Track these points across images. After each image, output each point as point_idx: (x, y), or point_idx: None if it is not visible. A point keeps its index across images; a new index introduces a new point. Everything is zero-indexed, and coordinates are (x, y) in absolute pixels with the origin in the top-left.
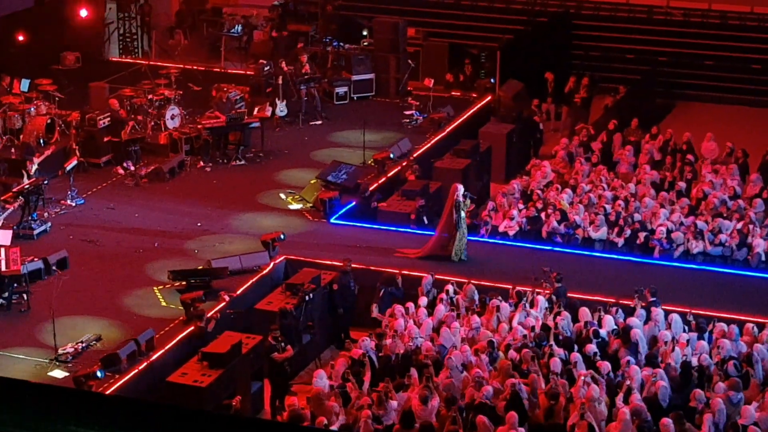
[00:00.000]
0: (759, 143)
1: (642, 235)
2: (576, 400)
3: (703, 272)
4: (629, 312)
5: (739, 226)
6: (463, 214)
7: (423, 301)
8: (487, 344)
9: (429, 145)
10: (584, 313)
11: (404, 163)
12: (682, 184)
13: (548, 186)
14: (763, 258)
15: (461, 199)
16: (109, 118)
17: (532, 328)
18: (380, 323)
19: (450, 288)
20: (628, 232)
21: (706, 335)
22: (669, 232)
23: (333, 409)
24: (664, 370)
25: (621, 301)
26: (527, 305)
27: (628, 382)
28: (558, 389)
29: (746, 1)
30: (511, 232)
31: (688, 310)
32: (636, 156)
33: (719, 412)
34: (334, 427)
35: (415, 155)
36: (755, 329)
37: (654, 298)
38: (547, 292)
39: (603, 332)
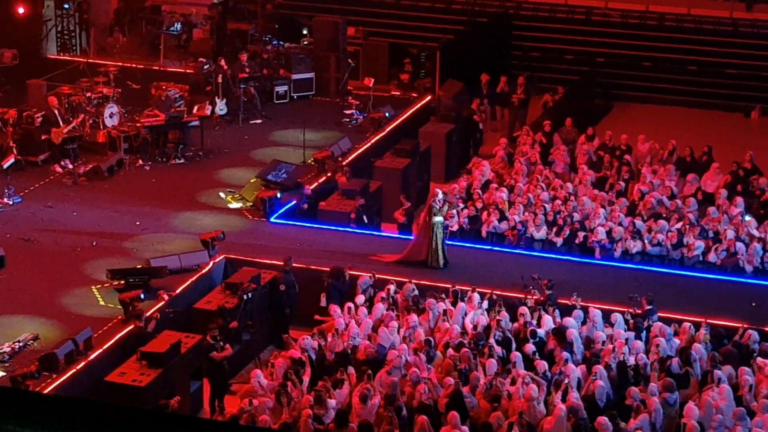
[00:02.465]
0: (696, 144)
1: (581, 234)
2: (515, 399)
3: (641, 272)
4: (567, 312)
5: (678, 225)
6: (438, 218)
7: (360, 299)
8: (424, 343)
9: (369, 144)
10: (522, 312)
11: (336, 165)
12: (621, 184)
13: (487, 185)
14: (700, 258)
15: (437, 204)
16: (42, 117)
17: (475, 327)
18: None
19: (391, 287)
20: (567, 231)
21: (643, 334)
22: (609, 232)
23: (266, 404)
24: (603, 369)
25: (559, 301)
26: (464, 304)
27: (566, 381)
28: (499, 390)
29: (683, 3)
30: (452, 229)
31: (626, 310)
32: (571, 156)
33: (656, 412)
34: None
35: (348, 158)
36: (692, 328)
37: (650, 306)
38: (537, 299)
39: (541, 332)
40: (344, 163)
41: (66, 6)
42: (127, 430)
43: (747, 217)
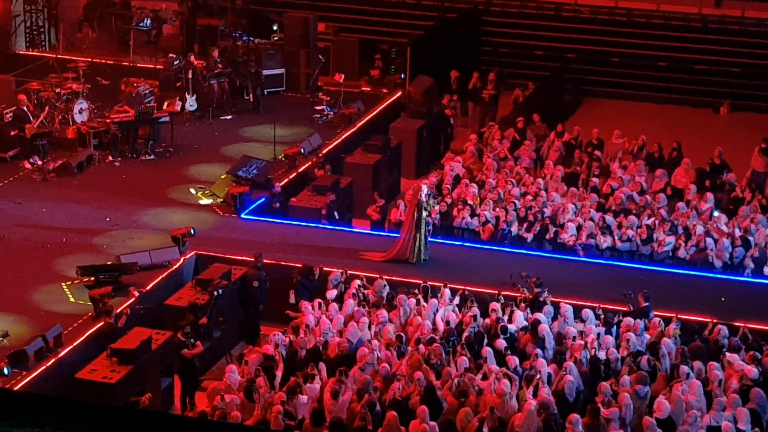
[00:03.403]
0: (665, 139)
1: (552, 230)
2: (486, 394)
3: (611, 267)
4: (538, 307)
5: (648, 221)
6: (425, 214)
7: (331, 294)
8: (396, 339)
9: (340, 140)
10: (493, 308)
11: (314, 159)
12: (594, 181)
13: (458, 181)
14: (670, 253)
15: (424, 199)
16: (12, 113)
17: (447, 323)
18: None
19: (357, 282)
20: (538, 227)
21: (614, 329)
22: (579, 227)
23: (235, 400)
24: (573, 365)
25: (530, 297)
26: (436, 300)
27: (537, 376)
28: (468, 386)
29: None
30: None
31: (597, 305)
32: (537, 152)
33: (626, 407)
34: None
35: (324, 151)
36: (661, 323)
37: (647, 303)
38: (526, 297)
39: (512, 327)
40: (323, 158)
41: None
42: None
43: (716, 213)
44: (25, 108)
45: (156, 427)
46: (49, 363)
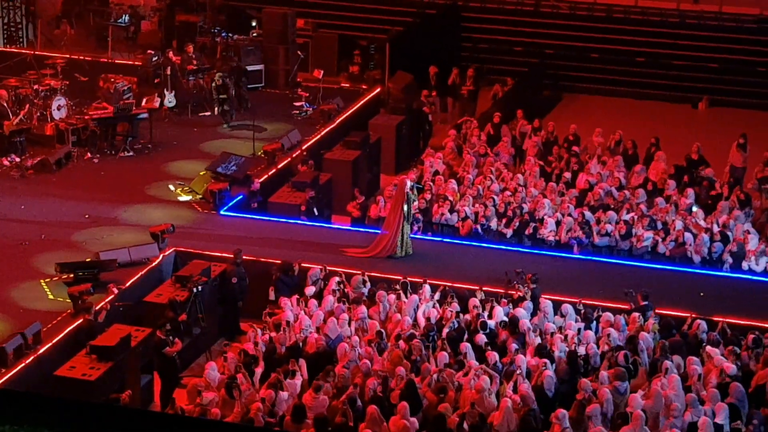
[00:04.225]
0: (643, 135)
1: (531, 225)
2: (465, 390)
3: (589, 262)
4: (517, 303)
5: (627, 217)
6: (407, 207)
7: (310, 290)
8: (376, 335)
9: (319, 136)
10: (473, 303)
11: (296, 154)
12: (568, 175)
13: (436, 176)
14: (649, 249)
15: (410, 191)
16: None
17: (428, 319)
18: (272, 313)
19: (337, 279)
20: (517, 223)
21: (593, 325)
22: (557, 223)
23: (214, 399)
24: (551, 360)
25: (509, 292)
26: (416, 296)
27: (518, 371)
28: (446, 382)
29: None
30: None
31: (577, 300)
32: (517, 147)
33: (607, 402)
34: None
35: (304, 147)
36: (641, 318)
37: (646, 302)
38: (519, 294)
39: (492, 323)
40: (307, 154)
41: None
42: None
43: (694, 208)
44: (4, 104)
45: (136, 424)
46: (28, 360)
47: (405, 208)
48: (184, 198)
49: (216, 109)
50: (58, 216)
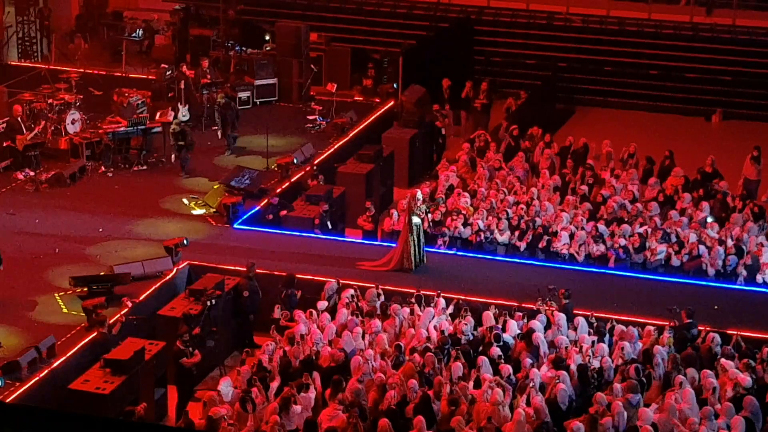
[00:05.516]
0: (657, 148)
1: (545, 239)
2: (480, 403)
3: (604, 275)
4: (532, 316)
5: (641, 230)
6: (415, 219)
7: (322, 305)
8: (395, 348)
9: (332, 149)
10: (487, 317)
11: (307, 168)
12: (584, 188)
13: (451, 190)
14: (663, 261)
15: (417, 204)
16: (5, 124)
17: (442, 332)
18: (281, 325)
19: (350, 292)
20: (530, 236)
21: (606, 338)
22: (571, 236)
23: (228, 412)
24: (566, 373)
25: (523, 305)
26: (432, 309)
27: (531, 385)
28: (458, 395)
29: (643, 8)
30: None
31: (589, 313)
32: (530, 160)
33: (619, 415)
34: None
35: (317, 161)
36: (655, 332)
37: (690, 320)
38: (552, 309)
39: (507, 336)
40: (316, 170)
41: None
42: None
43: (710, 219)
44: (19, 119)
45: None
46: (43, 374)
47: (415, 220)
48: (197, 212)
49: (173, 156)
50: (72, 230)
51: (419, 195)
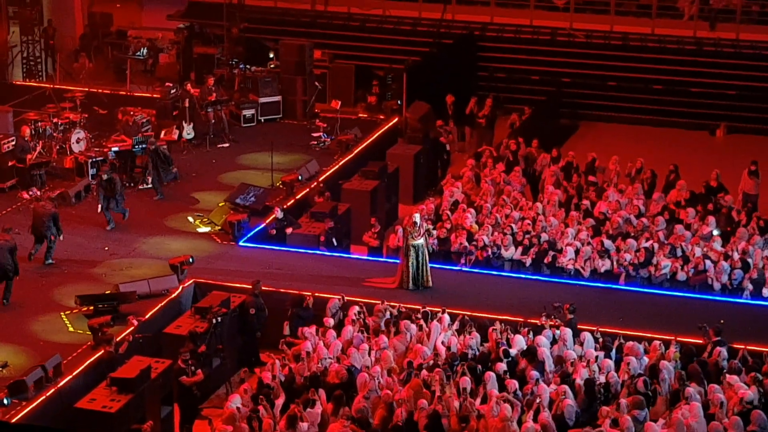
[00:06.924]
0: (661, 162)
1: (550, 254)
2: (488, 419)
3: (610, 290)
4: (537, 331)
5: (647, 244)
6: (414, 241)
7: (329, 322)
8: (406, 365)
9: (337, 166)
10: (493, 333)
11: (313, 185)
12: (586, 203)
13: (456, 206)
14: (668, 276)
15: (410, 227)
16: (13, 143)
17: (448, 348)
18: (290, 343)
19: (356, 308)
20: (535, 251)
21: (613, 353)
22: (576, 252)
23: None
24: (570, 388)
25: (529, 321)
26: (438, 324)
27: (538, 400)
28: (469, 410)
29: (647, 23)
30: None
31: (595, 328)
32: (532, 176)
33: (627, 430)
34: None
35: (322, 178)
36: (662, 346)
37: (718, 338)
38: (558, 325)
39: (513, 351)
40: (323, 186)
41: None
42: None
43: (715, 232)
44: (27, 139)
45: None
46: (49, 393)
47: (414, 243)
48: (203, 229)
49: (99, 207)
50: (78, 248)
51: (416, 218)
